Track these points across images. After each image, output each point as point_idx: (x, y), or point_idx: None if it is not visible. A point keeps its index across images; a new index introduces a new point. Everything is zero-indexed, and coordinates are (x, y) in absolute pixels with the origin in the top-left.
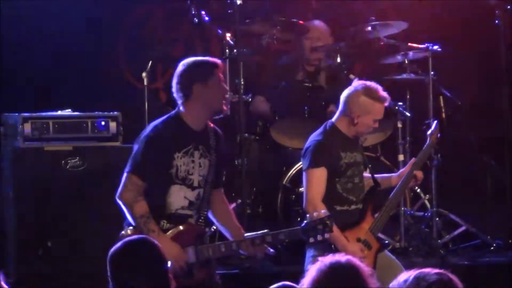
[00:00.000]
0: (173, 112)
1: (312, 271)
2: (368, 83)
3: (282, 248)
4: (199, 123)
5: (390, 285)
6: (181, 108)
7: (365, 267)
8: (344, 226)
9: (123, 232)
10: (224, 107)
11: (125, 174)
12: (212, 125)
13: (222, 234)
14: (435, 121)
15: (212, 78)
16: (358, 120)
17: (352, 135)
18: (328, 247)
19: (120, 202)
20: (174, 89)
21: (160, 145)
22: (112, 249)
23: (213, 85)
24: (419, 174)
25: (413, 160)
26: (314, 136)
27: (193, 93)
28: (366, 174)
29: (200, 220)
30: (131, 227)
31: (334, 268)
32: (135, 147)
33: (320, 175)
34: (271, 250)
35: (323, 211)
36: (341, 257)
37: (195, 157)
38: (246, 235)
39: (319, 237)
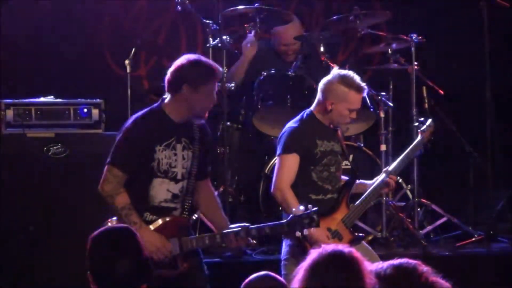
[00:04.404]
0: (156, 104)
1: (310, 257)
2: (346, 71)
3: (264, 238)
4: (181, 117)
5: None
6: (165, 100)
7: (367, 262)
8: None
9: (108, 220)
10: (205, 115)
11: (106, 166)
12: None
13: (206, 224)
14: (430, 119)
15: (205, 85)
16: (332, 107)
17: (328, 123)
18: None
19: (102, 194)
20: (166, 78)
21: (140, 138)
22: (93, 235)
23: (202, 93)
24: (392, 181)
25: (386, 168)
26: (291, 123)
27: (181, 92)
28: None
29: (184, 213)
30: (115, 218)
31: (335, 256)
32: (117, 138)
33: (291, 161)
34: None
35: (310, 205)
36: (343, 247)
37: (177, 150)
38: (230, 226)
39: (305, 232)
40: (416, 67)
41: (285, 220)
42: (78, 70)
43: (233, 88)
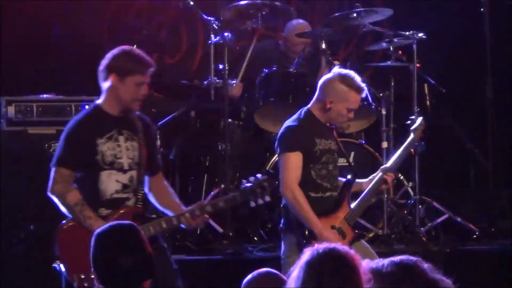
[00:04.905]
0: (91, 104)
1: (305, 255)
2: (347, 71)
3: (265, 235)
4: (116, 110)
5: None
6: (100, 98)
7: (364, 260)
8: (319, 213)
9: (63, 222)
10: (135, 108)
11: (52, 169)
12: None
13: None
14: (421, 117)
15: (132, 76)
16: (331, 106)
17: (326, 121)
18: (303, 234)
19: (52, 197)
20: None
21: (79, 134)
22: (98, 231)
23: (129, 84)
24: (390, 178)
25: (383, 167)
26: (289, 122)
27: (109, 82)
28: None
29: (138, 202)
30: (69, 219)
31: (330, 254)
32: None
33: (295, 159)
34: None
35: (259, 175)
36: (337, 245)
37: (120, 141)
38: (186, 208)
39: (260, 201)
40: (417, 64)
41: (237, 192)
42: (79, 67)
43: (234, 85)
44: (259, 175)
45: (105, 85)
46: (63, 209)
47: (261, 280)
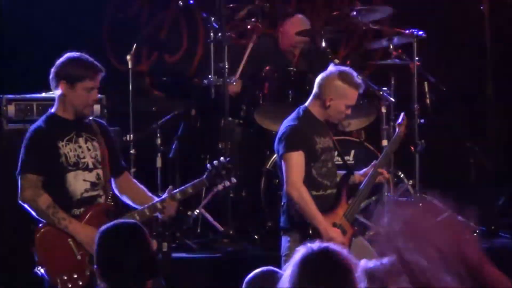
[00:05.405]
0: (46, 113)
1: (299, 254)
2: (344, 68)
3: (265, 233)
4: (71, 115)
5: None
6: (53, 107)
7: (354, 260)
8: (321, 211)
9: (39, 226)
10: (87, 112)
11: (18, 178)
12: (91, 118)
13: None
14: (403, 112)
15: (81, 82)
16: (331, 103)
17: (324, 119)
18: (305, 233)
19: (24, 204)
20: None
21: (40, 139)
22: (102, 230)
23: (79, 90)
24: (385, 172)
25: (374, 162)
26: (288, 121)
27: (59, 89)
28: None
29: (109, 199)
30: (44, 223)
31: (323, 253)
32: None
33: (298, 158)
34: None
35: (222, 158)
36: (330, 244)
37: (80, 143)
38: (158, 199)
39: (227, 183)
40: (417, 62)
41: (204, 176)
42: None
43: (234, 83)
44: (222, 158)
45: (56, 92)
46: (34, 213)
47: (262, 278)
